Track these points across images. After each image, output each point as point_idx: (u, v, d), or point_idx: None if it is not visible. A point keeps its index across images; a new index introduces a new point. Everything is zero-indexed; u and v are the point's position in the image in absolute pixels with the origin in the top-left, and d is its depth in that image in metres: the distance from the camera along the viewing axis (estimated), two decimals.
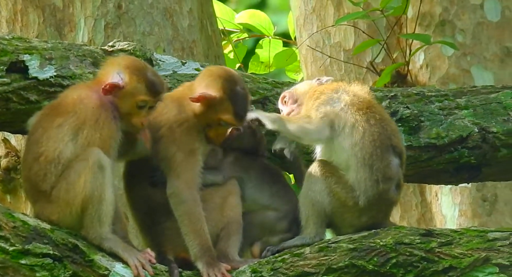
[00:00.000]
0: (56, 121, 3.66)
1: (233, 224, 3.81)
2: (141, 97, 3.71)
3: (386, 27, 5.49)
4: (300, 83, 4.02)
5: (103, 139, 3.65)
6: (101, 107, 3.68)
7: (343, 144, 3.78)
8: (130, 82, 3.71)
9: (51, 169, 3.63)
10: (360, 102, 3.81)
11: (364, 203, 3.77)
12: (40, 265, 3.59)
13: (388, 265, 3.68)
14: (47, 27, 4.94)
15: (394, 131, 3.85)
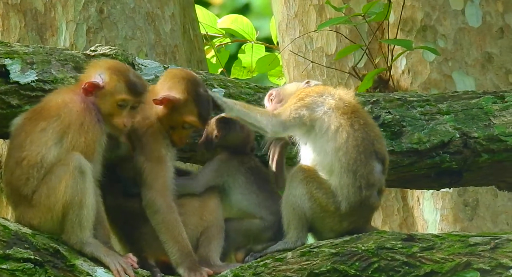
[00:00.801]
0: (39, 126, 3.64)
1: (213, 228, 3.81)
2: (121, 97, 3.70)
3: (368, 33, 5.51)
4: (289, 84, 4.04)
5: (88, 143, 3.64)
6: (85, 111, 3.67)
7: (326, 147, 3.78)
8: (110, 81, 3.70)
9: (33, 173, 3.62)
10: (346, 106, 3.82)
11: (346, 209, 3.77)
12: (21, 269, 3.57)
13: (370, 269, 3.69)
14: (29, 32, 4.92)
15: (378, 136, 3.86)
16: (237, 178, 3.88)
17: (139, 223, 3.78)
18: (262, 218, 3.88)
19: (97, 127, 3.68)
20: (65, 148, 3.64)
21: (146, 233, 3.78)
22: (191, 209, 3.81)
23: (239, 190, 3.89)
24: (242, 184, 3.88)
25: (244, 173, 3.90)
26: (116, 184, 3.81)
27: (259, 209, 3.88)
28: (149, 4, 5.02)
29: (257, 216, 3.89)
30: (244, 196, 3.89)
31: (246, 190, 3.89)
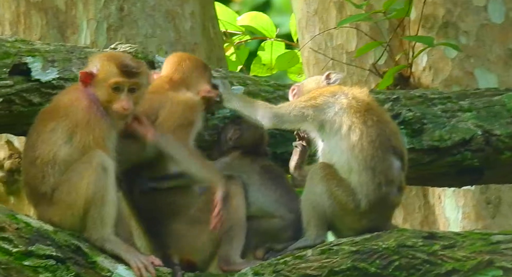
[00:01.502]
0: (49, 126, 3.66)
1: (236, 227, 3.81)
2: (113, 80, 3.67)
3: (388, 29, 5.48)
4: (310, 78, 4.03)
5: (96, 140, 3.64)
6: (90, 108, 3.67)
7: (341, 146, 3.77)
8: (102, 68, 3.68)
9: (48, 170, 3.63)
10: (358, 105, 3.80)
11: (365, 206, 3.76)
12: (43, 266, 3.59)
13: (390, 267, 3.67)
14: (50, 30, 4.94)
15: (394, 132, 3.84)
16: (251, 175, 3.88)
17: (168, 220, 3.78)
18: (281, 217, 3.88)
19: (103, 123, 3.67)
20: (76, 146, 3.64)
21: (173, 230, 3.78)
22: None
23: (255, 188, 3.88)
24: (257, 181, 3.88)
25: (258, 171, 3.90)
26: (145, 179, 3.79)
27: (277, 207, 3.87)
28: (169, 2, 5.03)
29: (276, 215, 3.88)
30: (260, 193, 3.88)
31: (262, 187, 3.88)
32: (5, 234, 3.60)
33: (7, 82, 3.85)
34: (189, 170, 3.77)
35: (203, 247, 3.80)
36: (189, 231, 3.79)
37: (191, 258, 3.78)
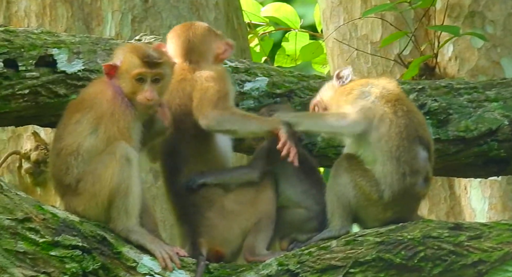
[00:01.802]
0: (74, 117, 3.69)
1: (265, 219, 3.81)
2: (136, 71, 3.68)
3: (414, 19, 5.45)
4: (322, 90, 3.96)
5: (121, 131, 3.66)
6: (114, 99, 3.68)
7: (369, 135, 3.76)
8: (125, 59, 3.70)
9: (71, 161, 3.66)
10: (389, 94, 3.79)
11: (389, 197, 3.75)
12: (70, 256, 3.62)
13: (415, 258, 3.66)
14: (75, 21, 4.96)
15: (421, 123, 3.82)
16: (285, 165, 3.88)
17: (204, 208, 3.79)
18: (307, 208, 3.87)
19: (127, 114, 3.68)
20: (101, 138, 3.66)
21: (208, 218, 3.79)
22: (247, 199, 3.82)
23: (286, 177, 3.88)
24: (289, 170, 3.88)
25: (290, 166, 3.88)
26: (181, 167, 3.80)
27: (304, 198, 3.87)
28: None
29: (302, 205, 3.88)
30: (290, 183, 3.88)
31: (293, 177, 3.88)
32: (32, 224, 3.63)
33: (34, 74, 3.87)
34: (252, 132, 3.77)
35: (233, 239, 3.81)
36: (221, 222, 3.79)
37: (220, 249, 3.79)
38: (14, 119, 3.96)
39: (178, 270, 3.67)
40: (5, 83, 3.80)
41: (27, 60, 3.86)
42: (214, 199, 3.81)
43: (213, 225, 3.78)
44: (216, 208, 3.80)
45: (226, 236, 3.80)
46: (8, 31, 3.88)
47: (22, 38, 3.88)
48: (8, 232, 3.61)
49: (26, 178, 5.08)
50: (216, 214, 3.79)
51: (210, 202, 3.79)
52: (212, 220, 3.78)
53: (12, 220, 3.63)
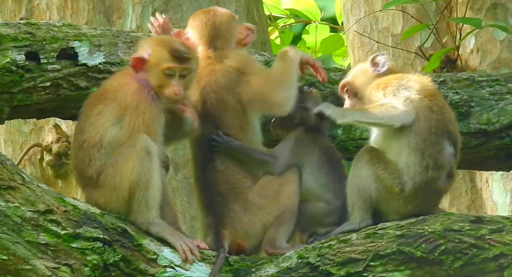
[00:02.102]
0: (96, 109, 3.69)
1: (287, 213, 3.81)
2: (165, 65, 3.69)
3: (435, 11, 5.41)
4: (354, 72, 3.94)
5: (146, 123, 3.67)
6: (139, 91, 3.69)
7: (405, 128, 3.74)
8: (154, 52, 3.70)
9: (94, 153, 3.67)
10: (426, 89, 3.79)
11: (410, 190, 3.73)
12: (91, 248, 3.64)
13: (436, 252, 3.65)
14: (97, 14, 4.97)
15: (452, 120, 3.80)
16: (310, 157, 3.87)
17: (230, 199, 3.80)
18: (327, 202, 3.87)
19: (153, 106, 3.69)
20: (125, 129, 3.67)
21: (233, 211, 3.80)
22: (270, 193, 3.82)
23: (310, 169, 3.88)
24: (314, 163, 3.87)
25: (318, 152, 3.88)
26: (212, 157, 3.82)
27: (326, 191, 3.86)
28: None
29: (322, 199, 3.88)
30: (313, 175, 3.88)
31: (316, 169, 3.88)
32: (53, 216, 3.66)
33: (55, 67, 3.89)
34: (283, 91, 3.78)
35: (256, 233, 3.81)
36: (245, 215, 3.80)
37: (242, 243, 3.80)
38: (35, 112, 3.98)
39: (198, 262, 3.68)
40: (27, 76, 3.82)
41: (48, 53, 3.88)
42: (241, 191, 3.82)
43: (238, 217, 3.79)
44: (241, 200, 3.81)
45: (249, 229, 3.80)
46: (30, 24, 3.90)
47: (44, 31, 3.90)
48: (30, 224, 3.64)
49: (48, 170, 5.11)
50: (241, 207, 3.80)
51: (236, 194, 3.80)
52: (237, 213, 3.79)
53: (34, 212, 3.65)
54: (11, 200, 3.66)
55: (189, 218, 4.85)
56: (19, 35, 3.81)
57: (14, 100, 3.80)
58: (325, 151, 3.89)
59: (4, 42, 3.76)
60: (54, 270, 3.62)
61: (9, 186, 3.66)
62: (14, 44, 3.79)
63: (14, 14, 5.01)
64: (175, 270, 3.66)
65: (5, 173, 3.69)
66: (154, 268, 3.65)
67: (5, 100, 3.77)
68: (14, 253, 3.62)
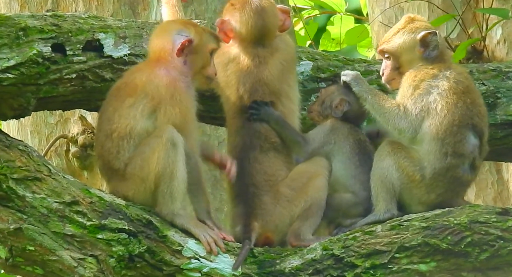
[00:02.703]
0: (127, 102, 3.71)
1: (314, 206, 3.81)
2: (212, 46, 3.78)
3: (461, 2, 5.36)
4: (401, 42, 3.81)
5: (183, 112, 3.68)
6: (173, 82, 3.70)
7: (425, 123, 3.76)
8: (197, 34, 3.76)
9: (123, 144, 3.68)
10: (457, 87, 3.77)
11: (430, 175, 3.73)
12: (116, 240, 3.66)
13: (462, 244, 3.63)
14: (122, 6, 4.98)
15: (481, 114, 3.80)
16: (343, 146, 3.87)
17: (263, 190, 3.81)
18: (354, 193, 3.86)
19: (189, 94, 3.72)
20: (160, 121, 3.68)
21: (265, 202, 3.80)
22: (299, 185, 3.83)
23: (341, 158, 3.87)
24: (346, 153, 3.87)
25: (351, 143, 3.88)
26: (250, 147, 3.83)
27: (354, 182, 3.86)
28: None
29: (349, 189, 3.87)
30: (343, 165, 3.87)
31: (347, 159, 3.87)
32: (79, 207, 3.68)
33: (81, 59, 3.90)
34: None
35: (284, 227, 3.82)
36: (276, 207, 3.80)
37: (271, 236, 3.80)
38: (61, 104, 4.00)
39: (223, 254, 3.68)
40: (53, 67, 3.84)
41: (74, 45, 3.90)
42: (275, 183, 3.82)
43: (268, 209, 3.79)
44: (273, 192, 3.81)
45: (278, 222, 3.80)
46: (56, 16, 3.91)
47: (70, 23, 3.91)
48: (56, 215, 3.67)
49: (73, 161, 5.14)
50: (272, 199, 3.81)
51: (270, 186, 3.80)
52: (268, 205, 3.79)
53: (60, 203, 3.68)
54: (37, 191, 3.69)
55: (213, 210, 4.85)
56: (45, 27, 3.83)
57: (40, 92, 3.83)
58: (358, 143, 3.88)
59: (31, 34, 3.78)
60: (80, 261, 3.65)
61: (35, 177, 3.69)
62: (40, 36, 3.81)
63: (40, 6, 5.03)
64: (200, 262, 3.67)
65: (32, 164, 3.72)
66: (179, 260, 3.66)
67: (32, 92, 3.79)
68: (41, 244, 3.66)
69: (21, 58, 3.74)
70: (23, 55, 3.75)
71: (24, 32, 3.77)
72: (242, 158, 3.84)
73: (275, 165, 3.83)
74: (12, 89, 3.74)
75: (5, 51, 3.72)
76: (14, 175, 3.68)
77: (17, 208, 3.67)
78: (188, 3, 4.94)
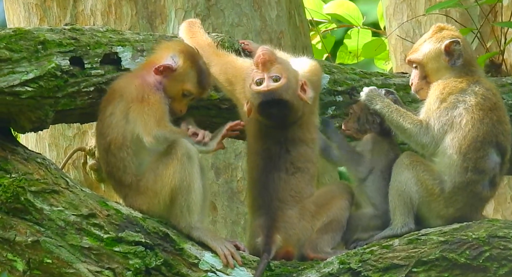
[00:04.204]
0: (108, 110, 3.74)
1: (335, 223, 3.81)
2: (188, 86, 3.76)
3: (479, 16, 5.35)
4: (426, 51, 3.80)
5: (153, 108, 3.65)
6: (143, 84, 3.72)
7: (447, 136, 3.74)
8: (183, 66, 3.76)
9: (125, 156, 3.69)
10: (485, 103, 3.76)
11: (450, 190, 3.71)
12: (133, 252, 3.66)
13: (481, 258, 3.60)
14: (140, 20, 5.01)
15: (506, 132, 3.78)
16: (380, 160, 3.85)
17: (288, 205, 3.81)
18: (375, 205, 3.85)
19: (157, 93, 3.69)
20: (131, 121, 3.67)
21: (290, 216, 3.81)
22: (323, 202, 3.83)
23: (376, 171, 3.86)
24: (382, 167, 3.85)
25: (389, 159, 3.85)
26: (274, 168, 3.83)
27: (377, 194, 3.85)
28: None
29: (371, 201, 3.86)
30: (375, 177, 3.86)
31: (380, 173, 3.86)
32: (96, 220, 3.69)
33: (99, 72, 3.92)
34: None
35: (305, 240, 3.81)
36: (300, 221, 3.81)
37: (291, 250, 3.79)
38: (79, 116, 4.02)
39: (240, 267, 3.68)
40: (71, 80, 3.86)
41: (92, 58, 3.92)
42: (301, 200, 3.82)
43: (292, 223, 3.79)
44: (298, 207, 3.81)
45: (301, 236, 3.80)
46: (74, 29, 3.94)
47: (88, 36, 3.94)
48: (74, 227, 3.68)
49: (91, 174, 5.15)
50: (297, 213, 3.80)
51: (296, 201, 3.80)
52: (292, 218, 3.79)
53: (77, 215, 3.69)
54: (55, 203, 3.70)
55: (230, 223, 4.85)
56: (63, 41, 3.85)
57: (59, 105, 3.85)
58: (395, 158, 3.86)
59: (49, 47, 3.81)
60: (97, 274, 3.65)
61: (53, 190, 3.71)
62: (59, 49, 3.83)
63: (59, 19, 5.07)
64: (216, 275, 3.66)
65: (50, 177, 3.73)
66: (195, 273, 3.66)
67: (50, 105, 3.82)
68: (58, 256, 3.67)
69: (39, 71, 3.76)
70: (42, 68, 3.77)
71: (43, 45, 3.79)
72: (265, 175, 3.84)
73: (302, 183, 3.83)
74: (31, 102, 3.77)
75: (24, 65, 3.75)
76: (32, 188, 3.70)
77: (34, 221, 3.68)
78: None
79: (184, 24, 4.09)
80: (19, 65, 3.74)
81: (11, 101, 3.72)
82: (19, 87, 3.73)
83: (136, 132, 3.68)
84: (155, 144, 3.65)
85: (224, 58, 3.92)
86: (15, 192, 3.67)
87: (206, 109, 4.02)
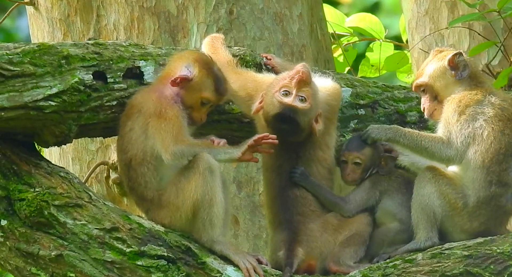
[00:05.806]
0: (127, 126, 3.75)
1: (357, 237, 3.81)
2: (206, 94, 3.76)
3: (503, 29, 5.32)
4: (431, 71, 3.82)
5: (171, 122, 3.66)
6: (160, 99, 3.72)
7: (470, 150, 3.72)
8: (199, 75, 3.76)
9: (146, 171, 3.70)
10: (503, 113, 3.75)
11: (474, 204, 3.69)
12: (155, 266, 3.67)
13: (505, 273, 3.58)
14: (162, 34, 5.04)
15: None
16: (388, 189, 3.86)
17: (309, 219, 3.81)
18: (401, 220, 3.83)
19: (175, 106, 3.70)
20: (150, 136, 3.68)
21: (312, 230, 3.81)
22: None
23: (389, 193, 3.86)
24: (393, 191, 3.85)
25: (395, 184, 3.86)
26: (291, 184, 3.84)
27: (401, 209, 3.84)
28: (277, 4, 5.05)
29: (397, 217, 3.84)
30: (391, 197, 3.85)
31: (394, 192, 3.85)
32: (119, 234, 3.70)
33: (121, 86, 3.95)
34: None
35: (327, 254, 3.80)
36: (322, 235, 3.81)
37: (314, 263, 3.79)
38: (102, 130, 4.04)
39: None
40: (94, 95, 3.89)
41: (115, 72, 3.94)
42: (322, 214, 3.83)
43: (314, 236, 3.80)
44: (320, 221, 3.82)
45: (324, 250, 3.80)
46: (97, 44, 3.97)
47: (111, 51, 3.96)
48: (97, 241, 3.69)
49: (114, 188, 5.17)
50: (319, 227, 3.81)
51: (316, 215, 3.80)
52: (314, 231, 3.80)
53: (100, 229, 3.71)
54: (78, 217, 3.72)
55: (252, 236, 4.85)
56: (87, 55, 3.88)
57: (82, 119, 3.87)
58: (400, 177, 3.86)
59: (73, 62, 3.84)
60: None
61: (76, 204, 3.72)
62: (82, 64, 3.86)
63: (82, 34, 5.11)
64: None
65: (73, 191, 3.75)
66: None
67: (73, 119, 3.84)
68: (81, 270, 3.68)
69: (63, 86, 3.79)
70: (65, 83, 3.80)
71: (67, 60, 3.82)
72: (282, 192, 3.84)
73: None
74: (54, 116, 3.80)
75: (47, 79, 3.78)
76: (56, 202, 3.72)
77: (58, 235, 3.70)
78: None
79: (208, 39, 4.11)
80: (43, 80, 3.77)
81: (35, 115, 3.75)
82: (43, 102, 3.76)
83: (156, 148, 3.69)
84: (173, 161, 3.67)
85: (243, 75, 3.93)
86: (39, 206, 3.69)
87: (227, 123, 4.02)
